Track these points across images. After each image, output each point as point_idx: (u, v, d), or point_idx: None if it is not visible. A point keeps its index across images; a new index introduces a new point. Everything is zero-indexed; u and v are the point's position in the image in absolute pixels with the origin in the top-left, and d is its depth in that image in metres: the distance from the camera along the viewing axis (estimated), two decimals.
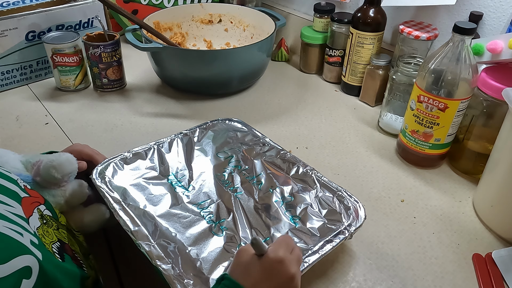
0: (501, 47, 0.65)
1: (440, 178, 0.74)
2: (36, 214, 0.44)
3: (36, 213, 0.44)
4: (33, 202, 0.45)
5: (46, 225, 0.45)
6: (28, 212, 0.43)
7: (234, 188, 0.61)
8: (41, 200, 0.48)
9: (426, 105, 0.69)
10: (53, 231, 0.46)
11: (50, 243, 0.43)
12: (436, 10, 0.88)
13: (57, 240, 0.45)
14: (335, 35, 0.99)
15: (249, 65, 0.95)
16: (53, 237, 0.45)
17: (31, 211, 0.44)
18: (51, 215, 0.48)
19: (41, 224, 0.44)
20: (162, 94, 0.97)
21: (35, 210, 0.45)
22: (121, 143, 0.80)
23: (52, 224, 0.46)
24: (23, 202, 0.43)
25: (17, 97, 0.93)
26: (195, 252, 0.51)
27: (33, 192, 0.48)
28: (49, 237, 0.44)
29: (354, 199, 0.59)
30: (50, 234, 0.44)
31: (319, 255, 0.51)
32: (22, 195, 0.44)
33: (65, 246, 0.46)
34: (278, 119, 0.90)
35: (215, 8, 1.13)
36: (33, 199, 0.46)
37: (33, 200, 0.46)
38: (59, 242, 0.45)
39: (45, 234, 0.43)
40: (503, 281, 0.55)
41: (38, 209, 0.45)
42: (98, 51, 0.90)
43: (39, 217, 0.44)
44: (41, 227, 0.43)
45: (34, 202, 0.46)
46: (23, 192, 0.45)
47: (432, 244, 0.62)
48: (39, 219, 0.44)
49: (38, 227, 0.43)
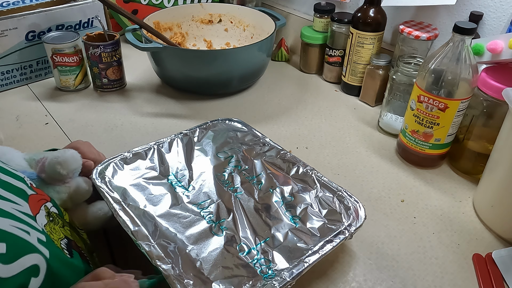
0: (501, 47, 0.65)
1: (440, 178, 0.74)
2: (43, 212, 0.44)
3: (43, 210, 0.44)
4: (40, 200, 0.46)
5: (53, 223, 0.45)
6: (35, 209, 0.43)
7: (234, 188, 0.61)
8: (47, 198, 0.48)
9: (426, 105, 0.69)
10: (60, 228, 0.46)
11: (59, 239, 0.43)
12: (436, 10, 0.88)
13: (64, 237, 0.45)
14: (335, 35, 0.99)
15: (249, 65, 0.95)
16: (60, 234, 0.45)
17: (38, 209, 0.44)
18: (57, 212, 0.48)
19: (47, 221, 0.44)
20: (162, 94, 0.97)
21: (42, 208, 0.45)
22: (121, 143, 0.80)
23: (58, 221, 0.46)
24: (30, 200, 0.43)
25: (17, 97, 0.93)
26: (195, 252, 0.51)
27: (39, 190, 0.48)
28: (56, 234, 0.44)
29: (354, 199, 0.59)
30: (57, 231, 0.44)
31: (319, 255, 0.51)
32: (29, 192, 0.44)
33: (72, 242, 0.46)
34: (278, 119, 0.90)
35: (215, 8, 1.13)
36: (39, 197, 0.46)
37: (40, 197, 0.46)
38: (66, 239, 0.45)
39: (53, 231, 0.43)
40: (503, 281, 0.55)
41: (45, 206, 0.45)
42: (98, 51, 0.90)
43: (46, 215, 0.44)
44: (48, 224, 0.43)
45: (41, 199, 0.46)
46: (30, 190, 0.45)
47: (432, 244, 0.62)
48: (46, 217, 0.44)
49: (45, 225, 0.43)
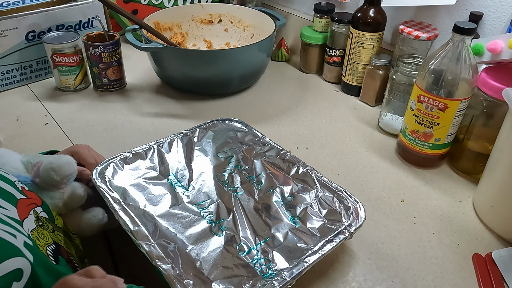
0: (501, 47, 0.65)
1: (440, 178, 0.74)
2: (32, 216, 0.44)
3: (32, 215, 0.44)
4: (30, 204, 0.45)
5: (42, 227, 0.44)
6: (24, 214, 0.42)
7: (234, 188, 0.61)
8: (38, 202, 0.48)
9: (426, 105, 0.69)
10: (49, 233, 0.45)
11: (45, 245, 0.43)
12: (436, 10, 0.88)
13: (52, 243, 0.45)
14: (335, 35, 0.99)
15: (249, 65, 0.95)
16: (48, 239, 0.44)
17: (27, 213, 0.43)
18: (47, 217, 0.47)
19: (36, 226, 0.43)
20: (162, 94, 0.97)
21: (31, 212, 0.44)
22: (121, 143, 0.80)
23: (48, 226, 0.46)
24: (19, 204, 0.43)
25: (17, 97, 0.93)
26: (195, 252, 0.51)
27: (31, 194, 0.47)
28: (44, 240, 0.43)
29: (354, 199, 0.59)
30: (46, 237, 0.44)
31: (319, 255, 0.51)
32: (19, 196, 0.44)
33: (60, 249, 0.46)
34: (278, 119, 0.90)
35: (215, 8, 1.13)
36: (30, 201, 0.46)
37: (30, 201, 0.46)
38: (55, 245, 0.45)
39: (40, 237, 0.43)
40: (503, 281, 0.55)
41: (35, 211, 0.45)
42: (98, 51, 0.90)
43: (34, 219, 0.44)
44: (36, 229, 0.43)
45: (31, 204, 0.46)
46: (20, 194, 0.45)
47: (432, 244, 0.62)
48: (35, 221, 0.44)
49: (33, 229, 0.42)
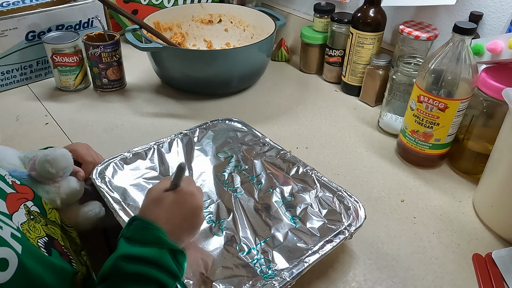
0: (501, 47, 0.65)
1: (440, 178, 0.74)
2: (23, 210, 0.45)
3: (22, 209, 0.45)
4: (20, 198, 0.46)
5: (34, 221, 0.46)
6: (13, 208, 0.44)
7: (234, 188, 0.61)
8: (30, 197, 0.49)
9: (426, 105, 0.69)
10: (41, 226, 0.46)
11: (36, 238, 0.44)
12: (436, 10, 0.88)
13: (45, 235, 0.46)
14: (335, 35, 0.99)
15: (249, 65, 0.95)
16: (40, 232, 0.45)
17: (17, 207, 0.44)
18: (39, 211, 0.48)
19: (27, 219, 0.44)
20: (162, 94, 0.97)
21: (22, 206, 0.45)
22: (121, 143, 0.80)
23: (40, 220, 0.47)
24: (8, 198, 0.44)
25: (17, 97, 0.93)
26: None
27: (22, 188, 0.48)
28: (35, 232, 0.44)
29: (354, 199, 0.59)
30: (38, 230, 0.45)
31: (319, 255, 0.51)
32: (8, 191, 0.45)
33: (54, 241, 0.47)
34: (278, 119, 0.90)
35: (215, 8, 1.13)
36: (20, 195, 0.47)
37: (20, 196, 0.47)
38: (48, 237, 0.46)
39: (31, 229, 0.44)
40: (503, 281, 0.55)
41: (25, 205, 0.46)
42: (98, 51, 0.90)
43: (25, 213, 0.45)
44: (27, 223, 0.44)
45: (21, 198, 0.47)
46: (10, 188, 0.46)
47: (432, 244, 0.62)
48: (26, 215, 0.45)
49: (23, 223, 0.43)
